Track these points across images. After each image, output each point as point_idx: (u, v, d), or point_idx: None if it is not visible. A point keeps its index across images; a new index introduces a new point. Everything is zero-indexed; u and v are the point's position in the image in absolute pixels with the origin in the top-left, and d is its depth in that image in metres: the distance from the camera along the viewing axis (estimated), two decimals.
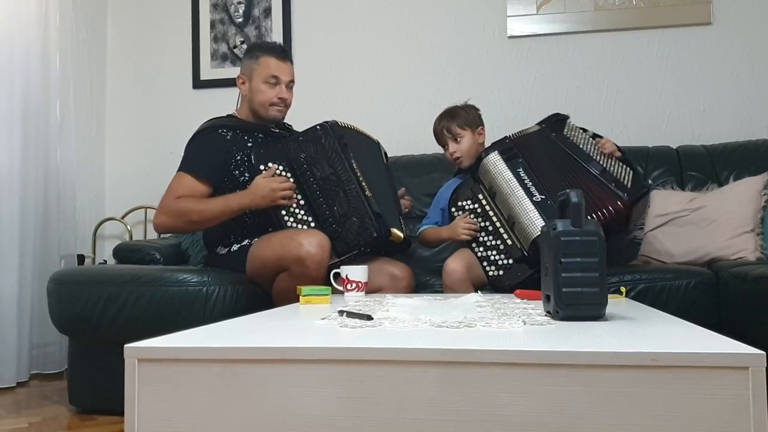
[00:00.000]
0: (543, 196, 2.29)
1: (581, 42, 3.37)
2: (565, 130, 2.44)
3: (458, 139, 2.56)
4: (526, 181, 2.33)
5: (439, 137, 2.62)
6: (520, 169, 2.36)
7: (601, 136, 2.48)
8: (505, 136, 2.51)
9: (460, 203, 2.50)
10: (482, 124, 2.63)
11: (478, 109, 2.66)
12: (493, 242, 2.40)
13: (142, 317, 2.26)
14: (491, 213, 2.41)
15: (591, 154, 2.37)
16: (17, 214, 3.00)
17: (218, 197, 2.43)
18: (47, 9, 3.23)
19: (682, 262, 2.62)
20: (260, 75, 2.53)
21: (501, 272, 2.37)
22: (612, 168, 2.34)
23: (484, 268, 2.39)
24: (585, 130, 2.48)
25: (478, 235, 2.42)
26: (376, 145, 2.66)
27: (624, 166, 2.37)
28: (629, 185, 2.30)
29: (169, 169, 2.54)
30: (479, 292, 2.11)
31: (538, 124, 2.50)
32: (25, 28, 3.10)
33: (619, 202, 2.24)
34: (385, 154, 2.70)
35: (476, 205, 2.45)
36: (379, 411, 1.01)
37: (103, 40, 3.79)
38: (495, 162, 2.40)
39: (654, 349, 0.98)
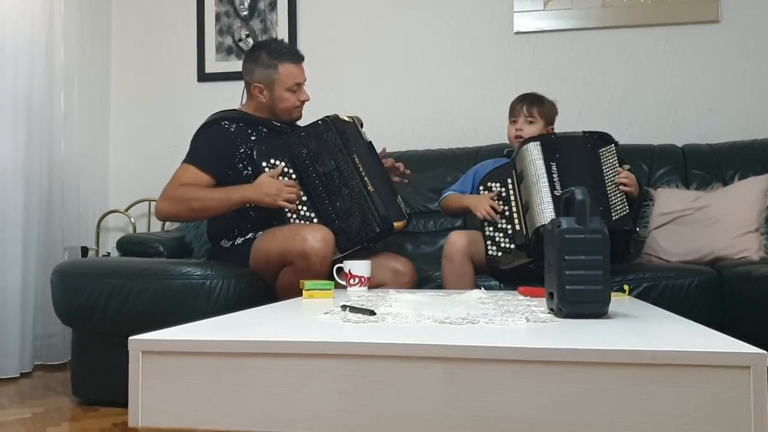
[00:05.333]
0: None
1: (588, 38, 3.35)
2: (601, 150, 2.45)
3: (531, 122, 2.59)
4: (554, 175, 2.37)
5: (514, 110, 2.63)
6: (553, 164, 2.39)
7: (636, 178, 2.46)
8: (552, 133, 2.57)
9: (489, 183, 2.53)
10: (553, 125, 2.63)
11: (557, 110, 2.67)
12: (504, 226, 2.44)
13: (146, 310, 2.27)
14: (512, 198, 2.46)
15: (604, 179, 2.39)
16: (21, 205, 3.00)
17: (221, 188, 2.43)
18: (52, 0, 3.23)
19: (685, 261, 2.62)
20: (283, 84, 2.52)
21: (500, 254, 2.41)
22: (612, 199, 2.36)
23: (486, 246, 2.43)
24: (622, 162, 2.47)
25: (497, 220, 2.44)
26: (355, 125, 2.58)
27: (625, 205, 2.37)
28: (614, 218, 2.31)
29: (173, 162, 2.54)
30: (482, 288, 2.12)
31: (584, 132, 2.52)
32: (29, 19, 3.10)
33: None
34: (361, 123, 2.62)
35: (502, 189, 2.49)
36: (381, 406, 1.02)
37: (107, 32, 3.79)
38: (533, 150, 2.42)
39: (656, 347, 0.98)
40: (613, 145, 2.47)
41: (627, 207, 2.37)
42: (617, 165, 2.44)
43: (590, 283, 1.35)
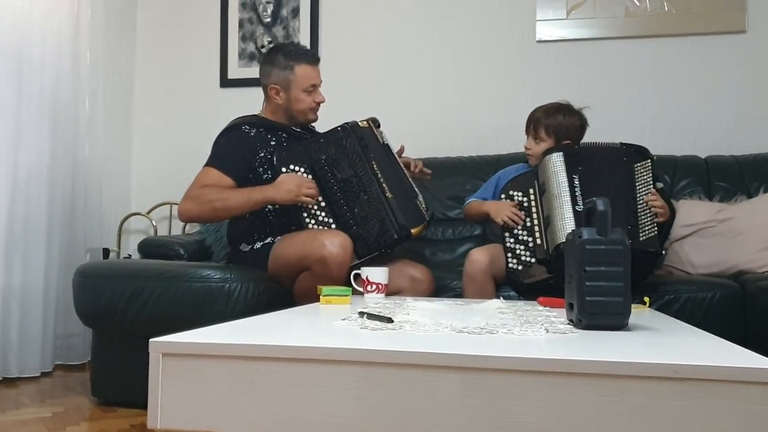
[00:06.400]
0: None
1: (611, 48, 3.34)
2: (637, 164, 2.40)
3: (537, 141, 2.55)
4: (576, 190, 2.32)
5: (527, 125, 2.60)
6: (576, 177, 2.35)
7: (667, 199, 2.41)
8: (578, 143, 2.51)
9: (511, 192, 2.50)
10: (575, 138, 2.54)
11: (584, 123, 2.59)
12: (525, 238, 2.41)
13: (166, 312, 2.28)
14: (534, 210, 2.42)
15: (636, 196, 2.34)
16: (45, 207, 3.04)
17: (243, 188, 2.45)
18: (79, 6, 3.28)
19: (707, 274, 2.59)
20: (299, 85, 2.54)
21: (520, 267, 2.39)
22: (642, 218, 2.31)
23: (507, 258, 2.40)
24: (656, 180, 2.41)
25: (516, 229, 2.42)
26: (372, 129, 2.55)
27: (654, 225, 2.32)
28: (641, 239, 2.27)
29: (195, 167, 2.57)
30: (501, 298, 2.11)
31: (621, 143, 2.46)
32: (57, 24, 3.14)
33: None
34: (378, 124, 2.59)
35: (524, 199, 2.46)
36: (397, 414, 1.01)
37: (132, 37, 3.83)
38: (556, 162, 2.38)
39: (677, 360, 0.97)
40: (649, 160, 2.40)
41: (656, 228, 2.31)
42: (651, 183, 2.37)
43: (611, 295, 1.33)
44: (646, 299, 2.05)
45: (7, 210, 2.85)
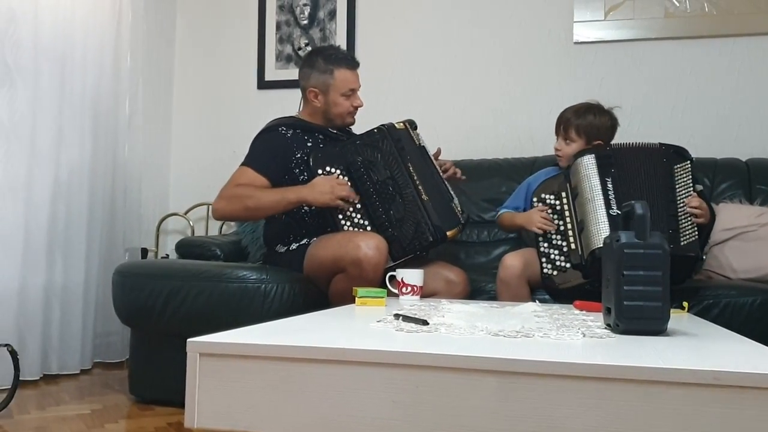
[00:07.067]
0: (620, 212, 2.25)
1: (650, 49, 3.29)
2: (677, 166, 2.35)
3: (567, 141, 2.53)
4: (609, 193, 2.29)
5: (557, 126, 2.58)
6: (609, 180, 2.31)
7: (708, 202, 2.37)
8: (609, 144, 2.47)
9: (543, 195, 2.48)
10: (606, 139, 2.51)
11: (615, 123, 2.56)
12: (559, 242, 2.39)
13: (202, 312, 2.31)
14: (567, 214, 2.40)
15: (676, 199, 2.29)
16: (86, 206, 3.10)
17: (277, 188, 2.47)
18: (120, 8, 3.34)
19: (748, 279, 2.54)
20: (338, 89, 2.56)
21: (555, 272, 2.37)
22: (682, 222, 2.27)
23: (541, 263, 2.39)
24: (695, 183, 2.36)
25: (550, 233, 2.40)
26: (408, 131, 2.56)
27: (695, 229, 2.28)
28: (682, 244, 2.23)
29: (232, 167, 2.60)
30: (536, 301, 2.09)
31: (661, 144, 2.42)
32: (99, 26, 3.21)
33: None
34: (414, 126, 2.59)
35: (557, 202, 2.44)
36: (433, 417, 1.01)
37: (172, 39, 3.89)
38: (587, 165, 2.35)
39: (716, 367, 0.96)
40: (689, 162, 2.35)
41: (696, 232, 2.27)
42: (691, 185, 2.32)
43: (649, 300, 1.32)
44: (685, 304, 2.02)
45: (49, 209, 2.91)
